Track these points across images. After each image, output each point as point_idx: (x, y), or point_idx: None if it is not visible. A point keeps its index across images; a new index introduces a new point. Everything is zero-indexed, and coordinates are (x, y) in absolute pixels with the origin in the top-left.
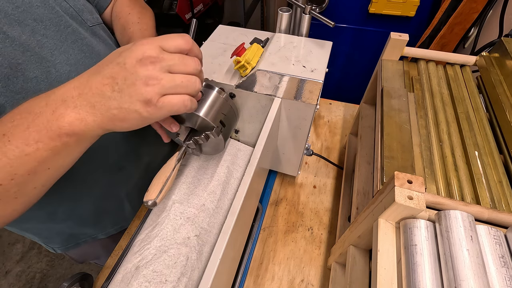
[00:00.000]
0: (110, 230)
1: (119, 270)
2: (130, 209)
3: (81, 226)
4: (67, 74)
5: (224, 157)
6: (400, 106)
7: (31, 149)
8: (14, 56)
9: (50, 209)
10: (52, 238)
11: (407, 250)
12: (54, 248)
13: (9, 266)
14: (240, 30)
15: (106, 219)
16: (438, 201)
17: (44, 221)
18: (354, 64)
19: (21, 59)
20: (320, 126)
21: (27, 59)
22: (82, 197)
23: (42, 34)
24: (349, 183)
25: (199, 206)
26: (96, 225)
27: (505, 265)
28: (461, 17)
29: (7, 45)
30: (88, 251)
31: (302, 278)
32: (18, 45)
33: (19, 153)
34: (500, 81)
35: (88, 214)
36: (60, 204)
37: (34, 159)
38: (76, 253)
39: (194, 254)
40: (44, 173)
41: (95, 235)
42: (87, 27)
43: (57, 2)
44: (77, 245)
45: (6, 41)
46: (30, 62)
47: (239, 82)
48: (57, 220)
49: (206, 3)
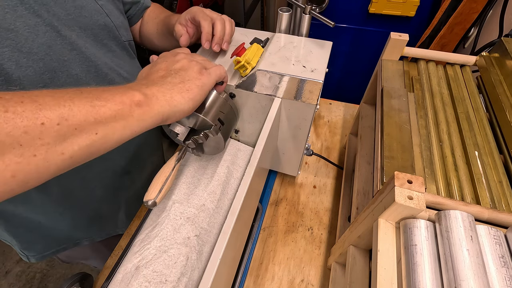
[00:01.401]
0: (95, 237)
1: (119, 270)
2: (124, 217)
3: (71, 229)
4: (104, 76)
5: (224, 157)
6: (400, 106)
7: (99, 103)
8: (62, 53)
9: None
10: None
11: (407, 250)
12: (29, 257)
13: (9, 266)
14: (240, 30)
15: (95, 225)
16: (438, 201)
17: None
18: (354, 64)
19: (67, 56)
20: (320, 126)
21: (73, 57)
22: (84, 197)
23: (84, 40)
24: (349, 183)
25: (199, 206)
26: (87, 229)
27: (505, 265)
28: (461, 17)
29: (58, 42)
30: (73, 251)
31: (302, 278)
32: (67, 44)
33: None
34: (500, 81)
35: (82, 217)
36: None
37: (94, 114)
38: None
39: (194, 254)
40: (87, 137)
41: (79, 239)
42: (121, 41)
43: (102, 16)
44: (56, 252)
45: (58, 39)
46: (75, 60)
47: (239, 82)
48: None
49: (206, 3)
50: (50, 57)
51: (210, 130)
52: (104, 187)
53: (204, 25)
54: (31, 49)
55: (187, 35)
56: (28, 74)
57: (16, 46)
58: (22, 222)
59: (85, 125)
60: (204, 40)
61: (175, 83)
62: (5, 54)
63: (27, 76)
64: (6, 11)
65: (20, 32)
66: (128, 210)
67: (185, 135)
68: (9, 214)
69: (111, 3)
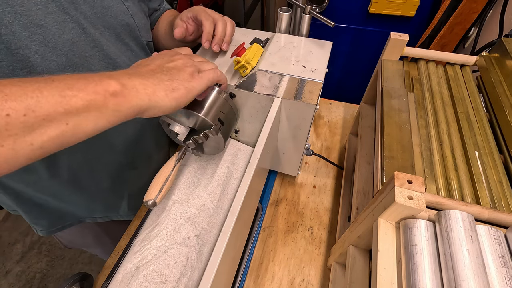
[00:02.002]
0: (98, 217)
1: (119, 270)
2: (126, 208)
3: (75, 208)
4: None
5: (224, 157)
6: (400, 106)
7: (70, 93)
8: (84, 49)
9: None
10: (40, 219)
11: (407, 250)
12: (38, 230)
13: (9, 266)
14: (240, 30)
15: (99, 205)
16: (438, 201)
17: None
18: (354, 64)
19: (89, 52)
20: (320, 126)
21: (94, 54)
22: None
23: (107, 39)
24: (349, 183)
25: (199, 206)
26: (89, 207)
27: (505, 265)
28: (461, 17)
29: (82, 39)
30: (75, 236)
31: (302, 278)
32: (90, 41)
33: (54, 92)
34: (500, 81)
35: (87, 201)
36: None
37: (63, 104)
38: (63, 237)
39: (194, 254)
40: (57, 127)
41: (82, 218)
42: (140, 41)
43: (127, 16)
44: (62, 229)
45: (82, 36)
46: (96, 57)
47: (239, 82)
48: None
49: (206, 3)
50: (73, 52)
51: (210, 130)
52: (110, 178)
53: (206, 25)
54: (56, 44)
55: (183, 29)
56: (51, 68)
57: (43, 41)
58: (30, 199)
59: (54, 115)
60: (204, 40)
61: (162, 80)
62: (33, 48)
63: (50, 70)
64: (39, 8)
65: (49, 28)
66: (131, 202)
67: (185, 135)
68: (19, 191)
69: (137, 5)
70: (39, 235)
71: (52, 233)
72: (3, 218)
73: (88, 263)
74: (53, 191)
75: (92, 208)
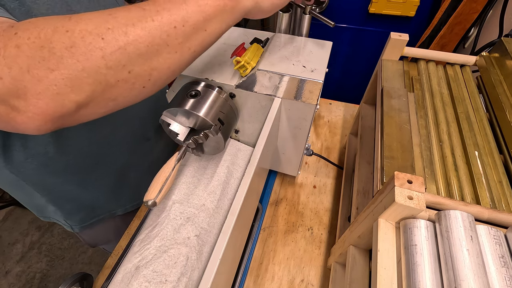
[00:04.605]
0: (128, 206)
1: (119, 270)
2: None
3: (104, 198)
4: None
5: (224, 157)
6: (400, 106)
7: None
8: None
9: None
10: (73, 214)
11: (407, 250)
12: (72, 227)
13: (9, 266)
14: (240, 30)
15: (125, 193)
16: (438, 201)
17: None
18: (354, 64)
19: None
20: (320, 126)
21: None
22: (111, 165)
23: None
24: (349, 183)
25: (199, 206)
26: (117, 198)
27: (505, 265)
28: (461, 17)
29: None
30: (101, 232)
31: (302, 278)
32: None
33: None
34: (500, 81)
35: (112, 185)
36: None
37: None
38: (90, 234)
39: (194, 254)
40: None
41: (114, 210)
42: None
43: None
44: (93, 224)
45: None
46: None
47: (239, 82)
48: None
49: None
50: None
51: (210, 130)
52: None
53: None
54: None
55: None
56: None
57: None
58: (62, 193)
59: (198, 24)
60: None
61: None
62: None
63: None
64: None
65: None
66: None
67: (185, 135)
68: (51, 185)
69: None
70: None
71: (86, 228)
72: (3, 218)
73: (88, 263)
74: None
75: (120, 196)
